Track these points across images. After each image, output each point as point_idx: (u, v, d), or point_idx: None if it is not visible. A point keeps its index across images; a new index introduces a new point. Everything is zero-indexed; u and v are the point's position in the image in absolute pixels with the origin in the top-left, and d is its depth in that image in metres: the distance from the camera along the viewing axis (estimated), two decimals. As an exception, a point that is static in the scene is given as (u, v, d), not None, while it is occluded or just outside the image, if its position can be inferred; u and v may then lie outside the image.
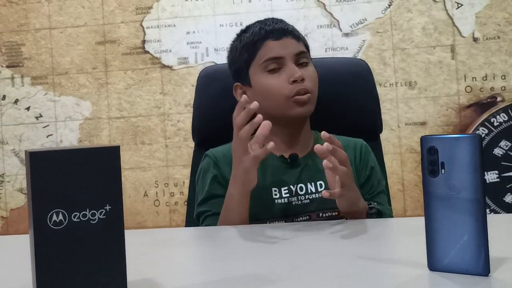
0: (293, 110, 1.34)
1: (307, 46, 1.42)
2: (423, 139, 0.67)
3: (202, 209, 1.38)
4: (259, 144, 1.17)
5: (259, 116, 1.14)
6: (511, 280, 0.66)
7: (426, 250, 0.71)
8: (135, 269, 0.67)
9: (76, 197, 0.59)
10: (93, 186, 0.59)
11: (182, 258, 0.98)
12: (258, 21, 1.45)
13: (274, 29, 1.38)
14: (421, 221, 0.73)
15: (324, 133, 1.12)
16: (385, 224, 1.22)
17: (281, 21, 1.44)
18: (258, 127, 1.16)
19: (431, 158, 0.66)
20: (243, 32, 1.46)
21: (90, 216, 0.59)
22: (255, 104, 1.15)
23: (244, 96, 1.17)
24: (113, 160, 0.60)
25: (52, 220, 0.57)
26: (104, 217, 0.59)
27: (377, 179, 1.42)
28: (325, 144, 1.09)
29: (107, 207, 0.59)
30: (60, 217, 0.58)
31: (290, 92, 1.33)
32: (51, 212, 0.58)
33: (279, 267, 0.81)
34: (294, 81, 1.32)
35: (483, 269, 0.66)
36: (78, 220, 0.58)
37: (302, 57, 1.37)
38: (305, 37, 1.46)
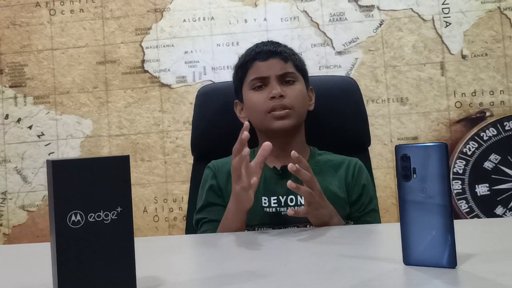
0: (271, 124, 1.44)
1: (298, 66, 1.51)
2: (397, 148, 0.76)
3: (200, 216, 1.47)
4: (258, 165, 1.26)
5: (245, 134, 1.21)
6: (475, 272, 0.74)
7: (401, 247, 0.79)
8: (142, 267, 0.74)
9: (92, 200, 0.67)
10: (107, 190, 0.68)
11: (183, 259, 1.06)
12: (255, 44, 1.56)
13: (263, 51, 1.49)
14: (398, 226, 0.81)
15: (293, 153, 1.21)
16: (367, 228, 1.31)
17: (274, 43, 1.54)
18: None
19: (404, 164, 0.75)
20: (242, 54, 1.56)
21: (103, 217, 0.67)
22: (245, 134, 1.23)
23: (245, 133, 1.24)
24: (124, 167, 0.68)
25: (71, 220, 0.66)
26: (116, 217, 0.68)
27: (368, 198, 1.47)
28: (290, 164, 1.19)
29: (119, 209, 0.68)
30: (78, 217, 0.66)
31: (268, 107, 1.43)
32: (70, 213, 0.66)
33: (269, 265, 0.90)
34: (273, 97, 1.43)
35: (450, 262, 0.75)
36: (94, 220, 0.67)
37: (287, 76, 1.47)
38: (300, 58, 1.55)
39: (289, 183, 1.19)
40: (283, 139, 1.47)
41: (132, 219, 0.68)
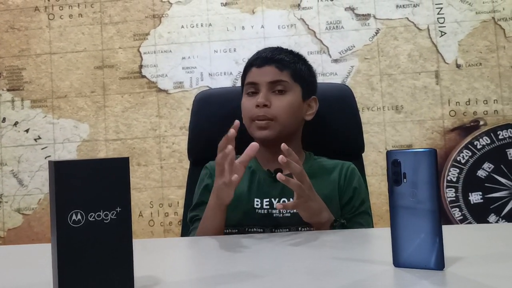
0: (254, 132, 1.47)
1: (296, 75, 1.49)
2: (388, 153, 0.78)
3: (193, 214, 1.50)
4: (242, 163, 1.28)
5: (232, 131, 1.24)
6: (462, 274, 0.77)
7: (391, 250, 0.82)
8: (139, 267, 0.76)
9: (92, 200, 0.69)
10: (106, 191, 0.70)
11: (180, 259, 1.09)
12: (260, 49, 1.57)
13: (260, 57, 1.51)
14: (389, 230, 0.83)
15: (283, 145, 1.23)
16: (358, 232, 1.33)
17: (276, 50, 1.54)
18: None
19: (395, 169, 0.77)
20: None
21: (103, 216, 0.69)
22: (231, 132, 1.25)
23: (232, 130, 1.26)
24: (124, 169, 0.71)
25: (72, 219, 0.68)
26: (115, 217, 0.70)
27: (359, 200, 1.48)
28: (280, 156, 1.21)
29: (118, 209, 0.70)
30: (79, 216, 0.68)
31: (252, 115, 1.46)
32: (71, 212, 0.68)
33: (263, 266, 0.92)
34: (257, 106, 1.44)
35: (438, 264, 0.78)
36: (94, 219, 0.69)
37: (277, 85, 1.47)
38: (302, 67, 1.52)
39: (279, 175, 1.20)
40: (274, 145, 1.48)
41: (131, 219, 0.71)
